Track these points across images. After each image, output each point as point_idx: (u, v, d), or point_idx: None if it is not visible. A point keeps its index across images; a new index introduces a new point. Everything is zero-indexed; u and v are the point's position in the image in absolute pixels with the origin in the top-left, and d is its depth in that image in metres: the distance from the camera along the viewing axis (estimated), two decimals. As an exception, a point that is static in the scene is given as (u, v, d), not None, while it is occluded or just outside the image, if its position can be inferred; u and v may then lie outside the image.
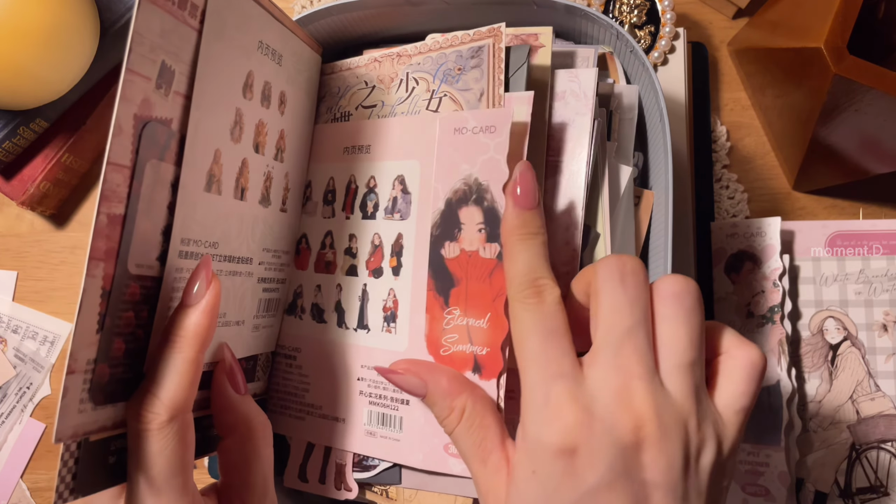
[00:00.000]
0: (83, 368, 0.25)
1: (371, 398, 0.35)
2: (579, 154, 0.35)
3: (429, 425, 0.33)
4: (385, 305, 0.35)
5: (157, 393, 0.26)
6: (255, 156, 0.34)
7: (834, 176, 0.50)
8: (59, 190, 0.54)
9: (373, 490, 0.37)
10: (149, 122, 0.26)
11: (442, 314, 0.33)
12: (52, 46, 0.43)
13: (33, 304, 0.56)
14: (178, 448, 0.26)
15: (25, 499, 0.54)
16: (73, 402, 0.25)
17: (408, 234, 0.35)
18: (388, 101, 0.37)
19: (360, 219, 0.37)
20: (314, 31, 0.41)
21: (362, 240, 0.37)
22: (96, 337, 0.25)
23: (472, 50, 0.34)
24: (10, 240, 0.57)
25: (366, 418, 0.35)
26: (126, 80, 0.25)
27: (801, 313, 0.47)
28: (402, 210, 0.35)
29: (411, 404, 0.34)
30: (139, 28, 0.25)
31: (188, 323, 0.27)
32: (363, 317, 0.36)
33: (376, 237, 0.36)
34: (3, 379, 0.55)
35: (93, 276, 0.24)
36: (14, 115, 0.48)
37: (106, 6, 0.48)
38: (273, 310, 0.38)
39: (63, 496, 0.26)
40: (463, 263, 0.33)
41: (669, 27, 0.50)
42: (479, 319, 0.32)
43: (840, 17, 0.38)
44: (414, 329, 0.34)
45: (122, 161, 0.25)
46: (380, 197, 0.36)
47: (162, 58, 0.26)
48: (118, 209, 0.25)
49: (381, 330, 0.35)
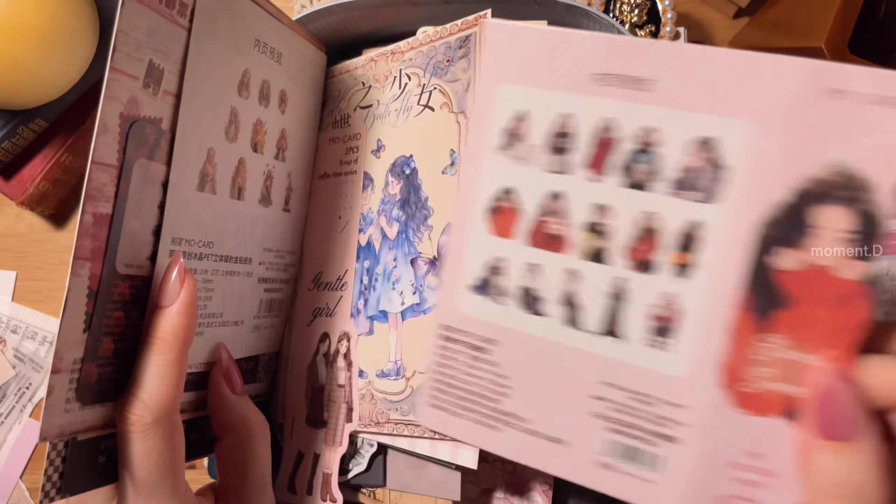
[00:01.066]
0: (69, 368, 0.25)
1: (613, 424, 0.27)
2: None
3: (705, 475, 0.25)
4: (656, 313, 0.26)
5: (139, 395, 0.26)
6: (253, 155, 0.34)
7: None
8: (59, 190, 0.54)
9: (361, 492, 0.37)
10: (136, 121, 0.26)
11: (753, 340, 0.25)
12: (52, 46, 0.43)
13: (33, 305, 0.56)
14: (165, 450, 0.26)
15: (25, 499, 0.54)
16: (59, 401, 0.24)
17: (713, 224, 0.25)
18: (383, 99, 0.37)
19: (620, 186, 0.26)
20: (315, 30, 0.40)
21: (622, 216, 0.27)
22: (83, 336, 0.25)
23: (459, 40, 0.34)
24: (9, 240, 0.56)
25: (599, 447, 0.27)
26: (111, 79, 0.25)
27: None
28: (706, 188, 0.25)
29: (685, 443, 0.26)
30: (123, 27, 0.25)
31: (164, 324, 0.26)
32: (614, 320, 0.27)
33: (651, 218, 0.26)
34: (2, 379, 0.54)
35: (78, 276, 0.24)
36: (13, 114, 0.48)
37: (106, 6, 0.48)
38: (276, 310, 0.38)
39: (49, 495, 0.25)
40: (803, 280, 0.24)
41: (670, 27, 0.50)
42: (810, 355, 0.24)
43: (840, 17, 0.38)
44: (702, 351, 0.25)
45: (108, 160, 0.25)
46: (664, 162, 0.26)
47: (150, 57, 0.26)
48: (105, 208, 0.25)
49: (644, 343, 0.27)
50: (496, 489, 0.36)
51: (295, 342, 0.39)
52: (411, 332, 0.34)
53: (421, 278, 0.34)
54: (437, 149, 0.35)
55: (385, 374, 0.35)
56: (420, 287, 0.34)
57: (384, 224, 0.37)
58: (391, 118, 0.37)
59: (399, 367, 0.34)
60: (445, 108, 0.35)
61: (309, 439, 0.37)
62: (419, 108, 0.35)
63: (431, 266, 0.34)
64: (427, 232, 0.34)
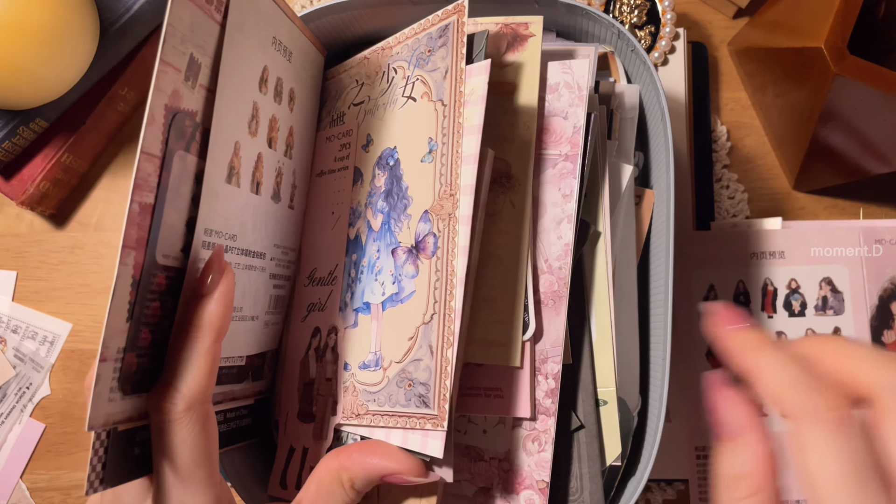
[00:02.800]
0: (114, 357, 0.25)
1: None
2: (574, 147, 0.34)
3: None
4: None
5: (174, 384, 0.26)
6: (268, 150, 0.34)
7: (834, 176, 0.50)
8: (59, 190, 0.54)
9: None
10: (178, 112, 0.26)
11: None
12: (52, 46, 0.43)
13: (33, 304, 0.56)
14: (199, 438, 0.26)
15: (25, 499, 0.54)
16: (105, 390, 0.25)
17: (846, 326, 0.43)
18: (373, 94, 0.37)
19: (787, 317, 0.44)
20: (315, 30, 0.41)
21: (793, 335, 0.43)
22: (126, 325, 0.25)
23: (439, 30, 0.34)
24: (9, 240, 0.56)
25: None
26: (160, 71, 0.25)
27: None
28: (835, 307, 0.44)
29: None
30: (172, 20, 0.25)
31: (203, 313, 0.27)
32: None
33: (811, 332, 0.44)
34: (2, 379, 0.54)
35: (125, 265, 0.25)
36: (14, 114, 0.48)
37: (106, 6, 0.48)
38: (280, 307, 0.38)
39: (94, 485, 0.26)
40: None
41: (670, 27, 0.50)
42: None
43: (840, 17, 0.38)
44: None
45: (154, 151, 0.25)
46: (806, 296, 0.44)
47: (191, 51, 0.27)
48: (149, 198, 0.25)
49: None
50: (493, 488, 0.36)
51: (291, 338, 0.39)
52: (390, 321, 0.34)
53: (399, 267, 0.34)
54: (417, 138, 0.34)
55: (366, 365, 0.35)
56: (399, 276, 0.34)
57: (370, 216, 0.36)
58: (379, 112, 0.37)
59: (378, 358, 0.34)
60: (426, 97, 0.34)
61: (299, 434, 0.37)
62: (403, 100, 0.35)
63: (409, 254, 0.34)
64: (406, 221, 0.34)
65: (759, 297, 0.44)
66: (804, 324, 0.43)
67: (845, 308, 0.43)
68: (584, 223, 0.35)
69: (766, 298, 0.44)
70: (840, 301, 0.43)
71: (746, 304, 0.44)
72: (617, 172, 0.37)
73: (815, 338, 0.23)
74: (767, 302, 0.44)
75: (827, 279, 0.43)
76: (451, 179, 0.32)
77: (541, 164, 0.35)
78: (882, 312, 0.42)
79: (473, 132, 0.32)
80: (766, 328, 0.44)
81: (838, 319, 0.43)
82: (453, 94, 0.33)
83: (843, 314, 0.43)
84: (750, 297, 0.44)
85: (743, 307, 0.44)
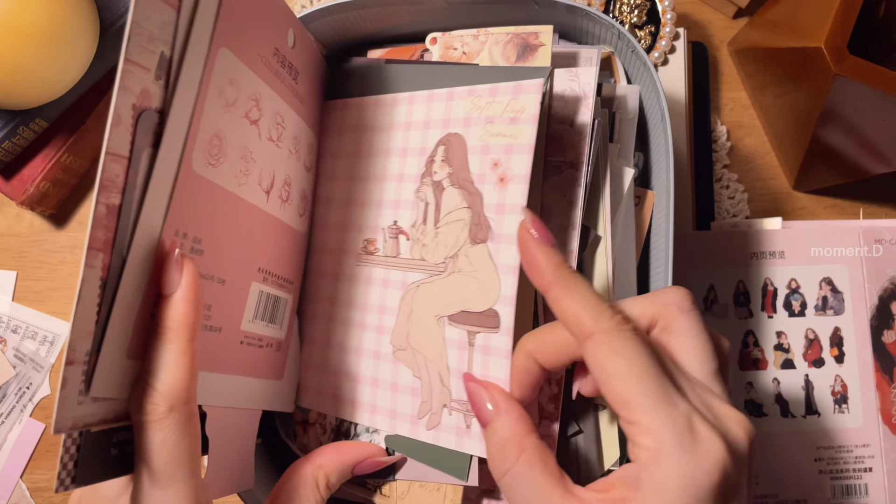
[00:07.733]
0: (82, 360, 0.25)
1: (833, 475, 0.41)
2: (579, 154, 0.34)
3: (892, 485, 0.40)
4: (833, 390, 0.43)
5: (153, 384, 0.26)
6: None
7: (834, 176, 0.50)
8: (59, 190, 0.54)
9: (367, 487, 0.37)
10: (144, 110, 0.26)
11: (889, 389, 0.42)
12: (52, 46, 0.43)
13: (33, 304, 0.56)
14: (181, 439, 0.26)
15: (25, 499, 0.54)
16: (73, 393, 0.24)
17: (846, 326, 0.44)
18: None
19: (787, 317, 0.45)
20: (315, 30, 0.41)
21: (794, 335, 0.44)
22: (94, 328, 0.25)
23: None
24: (9, 240, 0.56)
25: (829, 493, 0.41)
26: (125, 70, 0.25)
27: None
28: (835, 306, 0.44)
29: (874, 471, 0.41)
30: (137, 18, 0.25)
31: (170, 313, 0.26)
32: (810, 403, 0.43)
33: (811, 332, 0.44)
34: (2, 379, 0.54)
35: (91, 267, 0.24)
36: (14, 114, 0.48)
37: (106, 6, 0.48)
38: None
39: (64, 483, 0.25)
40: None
41: (670, 27, 0.50)
42: None
43: (840, 17, 0.38)
44: (866, 406, 0.42)
45: (121, 151, 0.25)
46: (807, 296, 0.45)
47: (161, 49, 0.26)
48: (115, 199, 0.25)
49: (833, 412, 0.42)
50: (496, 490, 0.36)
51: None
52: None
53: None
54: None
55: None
56: None
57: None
58: None
59: None
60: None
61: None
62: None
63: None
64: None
65: (759, 297, 0.43)
66: (804, 324, 0.43)
67: (845, 308, 0.43)
68: (585, 228, 0.35)
69: (766, 298, 0.43)
70: (840, 301, 0.43)
71: (746, 304, 0.44)
72: (618, 176, 0.37)
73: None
74: (767, 302, 0.43)
75: (827, 279, 0.43)
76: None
77: (547, 171, 0.35)
78: (882, 312, 0.42)
79: (525, 151, 0.31)
80: (767, 328, 0.44)
81: (838, 319, 0.43)
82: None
83: (843, 314, 0.43)
84: (750, 297, 0.44)
85: (743, 307, 0.44)
